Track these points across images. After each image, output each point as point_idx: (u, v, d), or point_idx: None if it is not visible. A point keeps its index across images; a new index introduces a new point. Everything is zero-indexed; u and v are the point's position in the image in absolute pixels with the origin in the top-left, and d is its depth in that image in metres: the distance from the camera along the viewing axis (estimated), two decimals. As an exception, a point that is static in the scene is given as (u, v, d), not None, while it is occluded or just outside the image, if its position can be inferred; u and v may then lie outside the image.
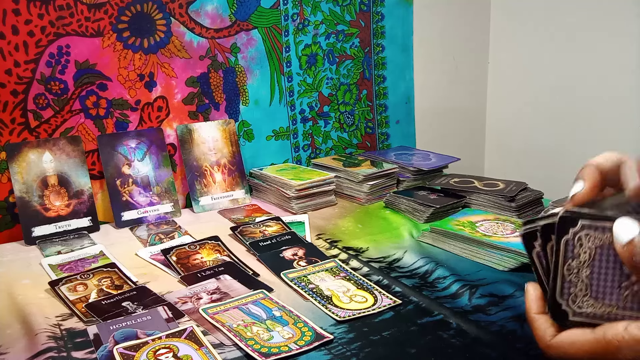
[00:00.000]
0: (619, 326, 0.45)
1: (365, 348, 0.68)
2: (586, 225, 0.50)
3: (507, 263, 0.89)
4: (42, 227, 1.07)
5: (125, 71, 1.18)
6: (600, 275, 0.50)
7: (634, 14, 1.41)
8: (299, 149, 1.43)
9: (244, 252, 1.00)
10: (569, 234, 0.50)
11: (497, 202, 1.12)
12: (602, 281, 0.50)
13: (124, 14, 1.16)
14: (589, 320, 0.50)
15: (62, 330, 0.74)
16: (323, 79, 1.43)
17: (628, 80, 1.45)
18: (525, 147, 1.74)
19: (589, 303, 0.50)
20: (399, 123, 1.57)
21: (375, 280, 0.87)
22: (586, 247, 0.50)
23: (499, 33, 1.76)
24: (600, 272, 0.50)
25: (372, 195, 1.25)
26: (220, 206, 1.24)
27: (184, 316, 0.77)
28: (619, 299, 0.49)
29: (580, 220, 0.50)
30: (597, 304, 0.50)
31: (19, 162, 1.08)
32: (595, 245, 0.50)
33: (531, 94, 1.70)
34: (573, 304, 0.51)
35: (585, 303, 0.50)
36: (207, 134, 1.27)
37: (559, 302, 0.51)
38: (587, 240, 0.50)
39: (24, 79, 1.08)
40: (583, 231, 0.50)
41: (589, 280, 0.50)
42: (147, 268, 0.95)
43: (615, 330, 0.45)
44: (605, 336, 0.46)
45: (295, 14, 1.36)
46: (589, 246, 0.50)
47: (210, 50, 1.27)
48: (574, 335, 0.49)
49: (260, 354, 0.66)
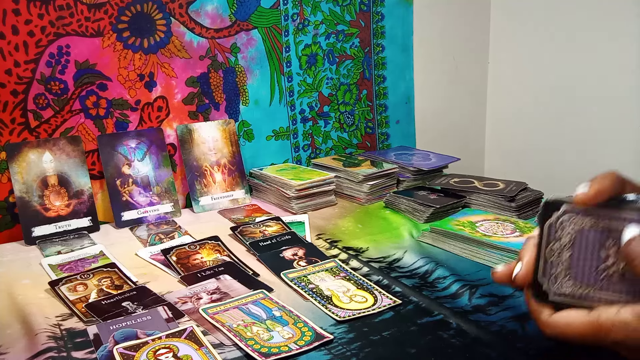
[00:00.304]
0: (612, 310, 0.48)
1: (365, 348, 0.68)
2: (568, 209, 0.52)
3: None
4: (42, 227, 1.07)
5: (125, 71, 1.18)
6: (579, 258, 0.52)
7: (634, 14, 1.41)
8: (299, 149, 1.43)
9: (244, 252, 1.00)
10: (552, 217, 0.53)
11: (497, 202, 1.12)
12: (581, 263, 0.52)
13: (124, 14, 1.16)
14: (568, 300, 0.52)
15: (62, 330, 0.74)
16: (323, 79, 1.43)
17: (628, 80, 1.45)
18: (525, 147, 1.74)
19: (569, 284, 0.53)
20: (399, 123, 1.57)
21: (375, 280, 0.87)
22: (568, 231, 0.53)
23: (499, 33, 1.76)
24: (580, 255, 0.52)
25: (372, 195, 1.25)
26: (220, 206, 1.24)
27: (184, 316, 0.77)
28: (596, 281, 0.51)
29: (564, 205, 0.53)
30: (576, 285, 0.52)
31: (19, 162, 1.08)
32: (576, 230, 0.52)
33: (531, 94, 1.70)
34: (553, 285, 0.53)
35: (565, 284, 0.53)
36: (207, 134, 1.27)
37: (540, 282, 0.54)
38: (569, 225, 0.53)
39: (24, 79, 1.08)
40: (565, 215, 0.53)
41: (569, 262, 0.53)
42: (147, 268, 0.95)
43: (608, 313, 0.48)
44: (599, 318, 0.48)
45: (295, 14, 1.36)
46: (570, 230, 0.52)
47: (210, 50, 1.27)
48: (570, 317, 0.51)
49: (260, 354, 0.66)
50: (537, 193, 1.15)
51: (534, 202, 1.14)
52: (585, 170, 1.56)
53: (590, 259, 0.52)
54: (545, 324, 0.52)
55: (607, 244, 0.51)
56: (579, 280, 0.52)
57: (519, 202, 1.11)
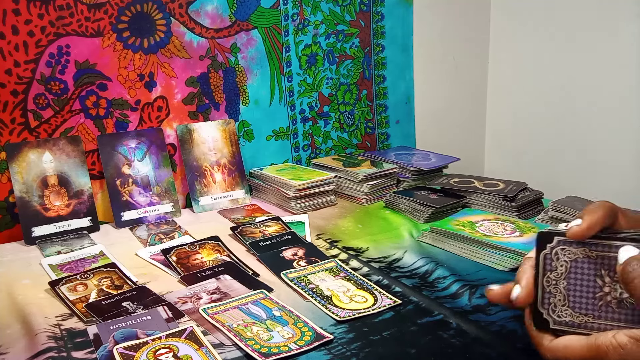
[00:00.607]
0: (609, 334, 0.50)
1: (365, 348, 0.68)
2: (561, 240, 0.55)
3: (507, 263, 0.89)
4: (42, 227, 1.07)
5: (125, 71, 1.18)
6: (576, 287, 0.54)
7: (634, 14, 1.41)
8: (299, 149, 1.43)
9: (244, 252, 1.00)
10: (547, 249, 0.55)
11: (497, 202, 1.12)
12: (577, 292, 0.54)
13: (124, 14, 1.16)
14: (568, 329, 0.54)
15: (62, 330, 0.74)
16: (323, 79, 1.43)
17: (628, 80, 1.45)
18: (525, 147, 1.74)
19: (568, 312, 0.55)
20: (399, 123, 1.57)
21: (375, 280, 0.87)
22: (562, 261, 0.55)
23: (499, 33, 1.76)
24: (576, 284, 0.54)
25: (372, 195, 1.25)
26: (220, 206, 1.24)
27: (184, 316, 0.77)
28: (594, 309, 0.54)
29: (556, 237, 0.55)
30: (575, 313, 0.54)
31: (19, 162, 1.08)
32: (570, 259, 0.54)
33: (531, 94, 1.70)
34: (553, 313, 0.55)
35: (564, 312, 0.55)
36: (207, 134, 1.27)
37: (540, 311, 0.56)
38: (563, 255, 0.55)
39: (24, 79, 1.08)
40: (559, 246, 0.55)
41: (566, 291, 0.55)
42: (147, 268, 0.95)
43: (605, 337, 0.50)
44: (597, 341, 0.50)
45: (295, 14, 1.36)
46: (565, 260, 0.55)
47: (210, 50, 1.27)
48: (568, 340, 0.53)
49: (260, 354, 0.66)
50: (537, 193, 1.15)
51: (534, 202, 1.14)
52: (585, 170, 1.57)
53: (587, 287, 0.54)
54: (546, 349, 0.55)
55: (601, 272, 0.53)
56: (577, 309, 0.54)
57: (519, 202, 1.11)
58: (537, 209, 1.14)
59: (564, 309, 0.55)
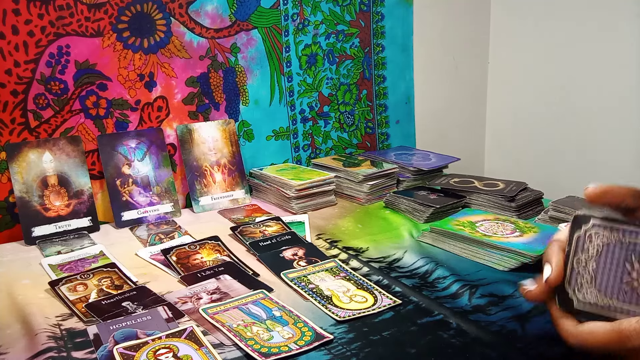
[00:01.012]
0: (632, 320, 0.51)
1: (365, 348, 0.68)
2: (597, 224, 0.56)
3: (507, 263, 0.89)
4: (42, 227, 1.07)
5: (125, 71, 1.18)
6: (604, 270, 0.55)
7: (633, 14, 1.41)
8: (299, 149, 1.43)
9: (244, 252, 1.00)
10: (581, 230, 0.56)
11: (497, 202, 1.12)
12: (606, 275, 0.55)
13: (124, 14, 1.16)
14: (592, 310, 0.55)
15: (62, 330, 0.74)
16: (323, 79, 1.43)
17: (628, 80, 1.45)
18: (525, 147, 1.74)
19: (594, 294, 0.55)
20: (399, 123, 1.57)
21: (375, 280, 0.87)
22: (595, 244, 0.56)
23: (499, 33, 1.76)
24: (605, 267, 0.55)
25: (372, 195, 1.25)
26: (220, 206, 1.24)
27: (184, 316, 0.77)
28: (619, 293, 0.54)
29: (592, 220, 0.56)
30: (600, 295, 0.55)
31: (19, 162, 1.08)
32: (603, 243, 0.55)
33: (531, 94, 1.70)
34: (579, 292, 0.56)
35: (589, 293, 0.55)
36: (207, 134, 1.27)
37: (566, 290, 0.57)
38: (596, 238, 0.56)
39: (24, 79, 1.08)
40: (593, 229, 0.56)
41: (594, 273, 0.55)
42: (147, 268, 0.95)
43: (628, 322, 0.51)
44: (620, 326, 0.51)
45: (295, 14, 1.36)
46: (598, 243, 0.55)
47: (210, 50, 1.27)
48: (594, 326, 0.53)
49: (260, 354, 0.66)
50: (537, 193, 1.15)
51: (534, 202, 1.14)
52: (585, 170, 1.57)
53: (615, 271, 0.55)
54: (569, 333, 0.55)
55: (632, 259, 0.54)
56: (603, 291, 0.55)
57: (519, 202, 1.11)
58: (537, 209, 1.14)
59: (590, 289, 0.55)
